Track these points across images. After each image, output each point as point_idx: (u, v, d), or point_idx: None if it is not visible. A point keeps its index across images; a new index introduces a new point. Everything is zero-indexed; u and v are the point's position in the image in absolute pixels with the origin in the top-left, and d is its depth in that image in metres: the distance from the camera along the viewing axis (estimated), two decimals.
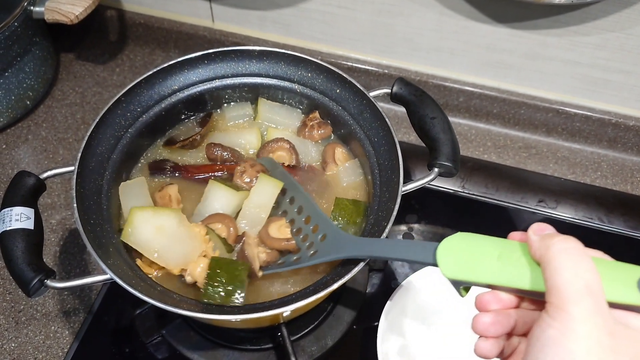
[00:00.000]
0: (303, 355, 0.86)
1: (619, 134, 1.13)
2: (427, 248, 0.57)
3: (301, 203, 0.79)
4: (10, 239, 0.67)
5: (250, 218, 0.79)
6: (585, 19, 0.98)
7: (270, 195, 0.79)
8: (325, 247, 0.72)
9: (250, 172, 0.82)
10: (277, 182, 0.80)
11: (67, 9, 1.04)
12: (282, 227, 0.78)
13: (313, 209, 0.77)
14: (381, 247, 0.65)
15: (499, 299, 0.52)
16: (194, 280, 0.73)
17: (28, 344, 0.87)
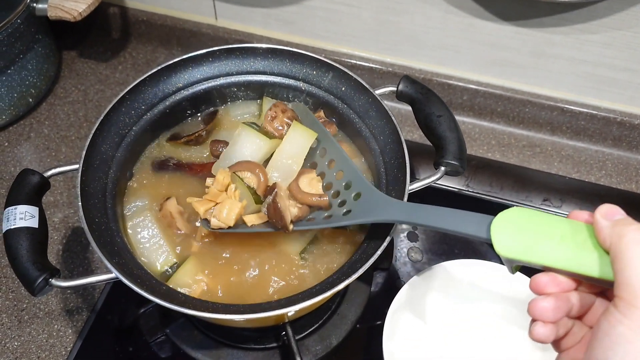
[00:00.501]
0: (308, 354, 0.85)
1: (624, 133, 1.12)
2: (479, 221, 0.53)
3: (333, 156, 0.75)
4: (14, 238, 0.67)
5: (281, 169, 0.75)
6: (591, 17, 0.97)
7: (304, 145, 0.75)
8: (361, 207, 0.68)
9: (281, 118, 0.78)
10: (311, 131, 0.76)
11: (70, 5, 1.04)
12: (312, 181, 0.74)
13: (346, 164, 0.73)
14: (427, 214, 0.61)
15: (557, 282, 0.48)
16: (220, 225, 0.70)
17: (31, 342, 0.87)
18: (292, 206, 0.71)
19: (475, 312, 0.88)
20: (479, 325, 0.87)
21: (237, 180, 0.72)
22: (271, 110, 0.79)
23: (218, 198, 0.73)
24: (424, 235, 1.01)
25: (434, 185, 1.05)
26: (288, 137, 0.75)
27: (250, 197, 0.72)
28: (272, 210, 0.70)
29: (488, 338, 0.86)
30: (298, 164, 0.75)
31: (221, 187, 0.74)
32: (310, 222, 0.72)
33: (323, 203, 0.72)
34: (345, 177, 0.73)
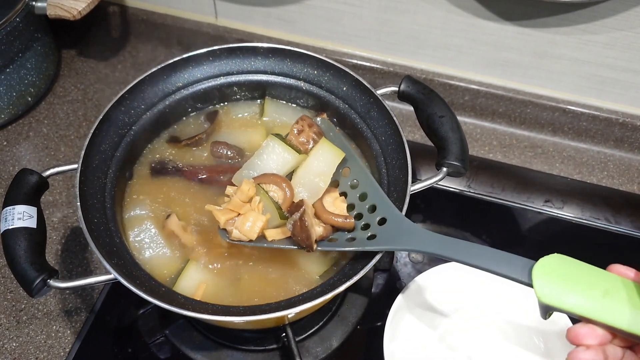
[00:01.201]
0: (308, 356, 0.85)
1: (626, 134, 1.12)
2: (519, 264, 0.53)
3: (357, 177, 0.73)
4: (12, 238, 0.66)
5: (307, 186, 0.73)
6: (593, 18, 0.97)
7: (332, 163, 0.73)
8: (386, 233, 0.66)
9: (307, 132, 0.76)
10: (339, 150, 0.74)
11: (70, 4, 1.03)
12: (337, 200, 0.72)
13: (371, 186, 0.71)
14: (462, 250, 0.59)
15: (596, 335, 0.50)
16: (240, 237, 0.68)
17: (29, 343, 0.87)
18: (317, 225, 0.69)
19: (476, 313, 0.87)
20: (480, 326, 0.87)
21: (261, 192, 0.71)
22: (298, 123, 0.77)
23: (241, 209, 0.71)
24: None
25: (436, 187, 1.04)
26: (316, 154, 0.74)
27: (275, 211, 0.70)
28: (299, 228, 0.68)
29: (489, 340, 0.86)
30: (325, 182, 0.73)
31: (245, 198, 0.71)
32: (333, 243, 0.71)
33: (349, 225, 0.70)
34: (369, 200, 0.71)
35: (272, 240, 0.71)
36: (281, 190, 0.71)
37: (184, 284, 0.73)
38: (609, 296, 0.49)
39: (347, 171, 0.76)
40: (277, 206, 0.70)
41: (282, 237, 0.72)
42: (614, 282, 0.50)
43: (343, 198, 0.73)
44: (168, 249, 0.77)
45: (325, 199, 0.72)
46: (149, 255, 0.76)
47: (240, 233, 0.70)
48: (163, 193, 0.83)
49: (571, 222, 1.03)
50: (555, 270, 0.51)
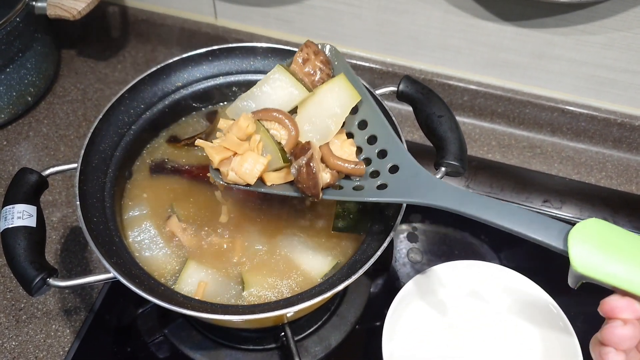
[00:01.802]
0: (307, 355, 0.85)
1: (625, 134, 1.12)
2: (555, 227, 0.48)
3: (366, 116, 0.66)
4: (12, 237, 0.67)
5: (316, 127, 0.64)
6: (592, 18, 0.97)
7: (347, 105, 0.65)
8: (399, 182, 0.60)
9: (313, 61, 0.67)
10: (355, 92, 0.65)
11: (70, 4, 1.03)
12: (345, 143, 0.65)
13: (383, 128, 0.64)
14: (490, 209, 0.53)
15: (634, 309, 0.45)
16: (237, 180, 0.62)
17: (29, 342, 0.87)
18: (323, 170, 0.62)
19: (475, 313, 0.88)
20: (479, 326, 0.87)
21: (262, 130, 0.62)
22: (302, 51, 0.67)
23: (238, 148, 0.63)
24: (423, 237, 1.01)
25: None
26: (330, 91, 0.64)
27: (277, 152, 0.62)
28: (305, 174, 0.60)
29: (488, 339, 0.86)
30: (337, 125, 0.64)
31: (243, 136, 0.63)
32: (339, 191, 0.64)
33: (359, 172, 0.63)
34: (379, 144, 0.64)
35: (272, 185, 0.65)
36: (285, 129, 0.63)
37: (184, 284, 0.74)
38: None
39: (355, 109, 0.68)
40: (280, 147, 0.63)
41: (282, 182, 0.65)
42: None
43: (352, 141, 0.66)
44: (168, 249, 0.78)
45: (332, 142, 0.65)
46: (149, 256, 0.77)
47: (237, 176, 0.62)
48: (162, 192, 0.83)
49: (570, 222, 1.02)
50: (593, 237, 0.46)
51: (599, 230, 0.47)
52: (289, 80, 0.65)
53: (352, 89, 0.66)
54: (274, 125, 0.63)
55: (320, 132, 0.65)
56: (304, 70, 0.67)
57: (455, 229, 1.03)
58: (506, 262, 0.97)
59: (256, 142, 0.63)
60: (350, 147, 0.65)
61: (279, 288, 0.74)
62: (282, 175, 0.65)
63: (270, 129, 0.63)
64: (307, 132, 0.65)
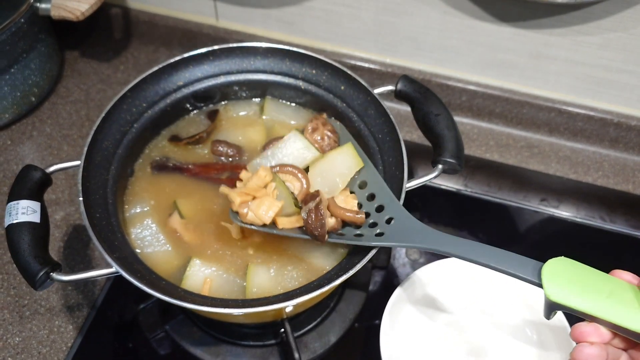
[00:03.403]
0: (306, 351, 0.86)
1: (621, 134, 1.13)
2: (529, 265, 0.57)
3: (366, 178, 0.76)
4: (16, 232, 0.68)
5: (325, 182, 0.75)
6: (588, 19, 0.98)
7: (352, 168, 0.77)
8: (394, 231, 0.69)
9: (322, 130, 0.80)
10: (360, 160, 0.78)
11: (73, 5, 1.05)
12: (347, 198, 0.74)
13: (380, 187, 0.74)
14: (472, 250, 0.62)
15: (600, 333, 0.53)
16: (254, 220, 0.69)
17: (32, 338, 0.88)
18: (329, 217, 0.72)
19: (472, 309, 0.88)
20: (476, 322, 0.88)
21: (277, 180, 0.72)
22: (312, 122, 0.81)
23: (257, 193, 0.73)
24: None
25: (433, 186, 1.07)
26: (340, 155, 0.77)
27: (290, 199, 0.72)
28: (314, 217, 0.69)
29: (485, 335, 0.87)
30: (343, 183, 0.76)
31: (262, 183, 0.73)
32: (342, 237, 0.73)
33: (360, 220, 0.72)
34: (377, 200, 0.74)
35: (283, 229, 0.73)
36: (298, 181, 0.73)
37: (190, 282, 0.75)
38: (614, 297, 0.52)
39: (358, 172, 0.79)
40: (292, 195, 0.72)
41: (292, 227, 0.73)
42: (618, 284, 0.53)
43: (354, 195, 0.76)
44: (170, 246, 0.79)
45: (337, 196, 0.74)
46: (151, 252, 0.78)
47: (255, 216, 0.70)
48: (164, 190, 0.84)
49: (567, 221, 1.04)
50: (562, 271, 0.55)
51: (567, 267, 0.55)
52: (303, 143, 0.79)
53: (357, 156, 0.78)
54: (288, 178, 0.74)
55: (329, 186, 0.76)
56: (314, 137, 0.80)
57: (453, 228, 1.04)
58: None
59: (272, 189, 0.73)
60: (353, 200, 0.75)
61: (286, 283, 0.75)
62: (293, 220, 0.73)
63: (285, 181, 0.74)
64: (317, 185, 0.76)
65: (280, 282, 0.75)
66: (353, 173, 0.77)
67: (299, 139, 0.78)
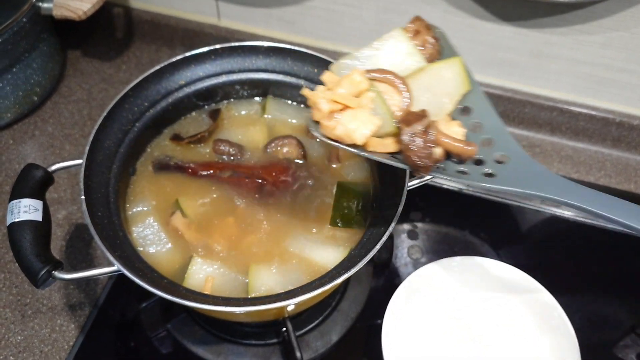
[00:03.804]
0: (308, 350, 0.86)
1: (623, 133, 1.13)
2: None
3: (471, 103, 0.63)
4: (18, 231, 0.68)
5: (431, 101, 0.60)
6: (590, 18, 0.98)
7: (460, 89, 0.62)
8: (508, 173, 0.58)
9: (424, 36, 0.64)
10: (468, 81, 0.63)
11: (76, 5, 1.05)
12: (451, 125, 0.61)
13: (489, 116, 0.62)
14: (612, 205, 0.53)
15: None
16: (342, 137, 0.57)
17: (34, 337, 0.88)
18: None
19: (473, 308, 0.88)
20: (478, 321, 0.88)
21: (375, 90, 0.58)
22: (414, 23, 0.64)
23: (351, 102, 0.58)
24: (424, 235, 1.02)
25: (434, 185, 1.07)
26: (449, 70, 0.61)
27: (389, 116, 0.57)
28: (421, 142, 0.55)
29: (486, 334, 0.86)
30: (451, 104, 0.61)
31: (355, 91, 0.58)
32: (443, 171, 0.60)
33: (469, 153, 0.59)
34: (485, 132, 0.62)
35: (373, 151, 0.59)
36: (398, 95, 0.58)
37: (192, 280, 0.75)
38: None
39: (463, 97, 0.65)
40: (390, 112, 0.58)
41: (385, 151, 0.60)
42: None
43: (459, 123, 0.62)
44: (171, 245, 0.79)
45: (440, 121, 0.61)
46: (153, 251, 0.78)
47: (344, 132, 0.57)
48: (166, 189, 0.84)
49: (568, 221, 1.04)
50: None
51: None
52: (407, 46, 0.61)
53: (467, 75, 0.64)
54: (386, 88, 0.59)
55: (434, 107, 0.60)
56: (414, 42, 0.63)
57: (455, 227, 1.04)
58: (505, 259, 0.98)
59: (370, 100, 0.57)
60: (458, 128, 0.61)
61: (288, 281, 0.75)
62: (387, 143, 0.60)
63: (383, 92, 0.58)
64: (421, 104, 0.60)
65: (282, 280, 0.75)
66: (461, 93, 0.63)
67: (403, 41, 0.61)
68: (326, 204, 0.82)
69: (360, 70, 0.60)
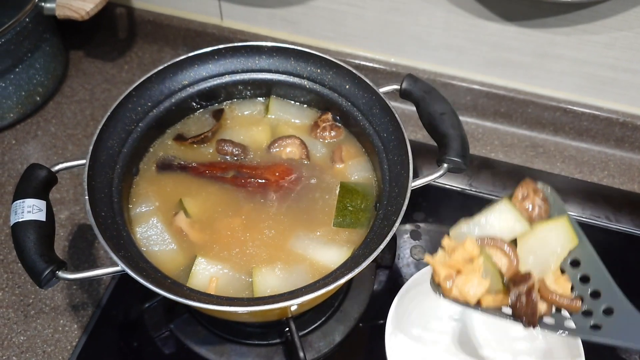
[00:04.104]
0: (311, 350, 0.86)
1: (627, 133, 1.13)
2: None
3: (579, 256, 0.69)
4: (22, 231, 0.68)
5: (537, 260, 0.68)
6: (594, 18, 0.98)
7: (566, 247, 0.69)
8: (614, 326, 0.62)
9: (532, 197, 0.72)
10: (575, 236, 0.70)
11: (78, 5, 1.05)
12: (559, 279, 0.68)
13: (596, 269, 0.67)
14: None
15: None
16: (458, 297, 0.66)
17: (37, 337, 0.88)
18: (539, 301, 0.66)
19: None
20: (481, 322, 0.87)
21: (485, 255, 0.67)
22: (522, 188, 0.73)
23: (464, 268, 0.67)
24: (427, 235, 1.02)
25: (437, 185, 1.07)
26: (554, 231, 0.69)
27: (498, 278, 0.67)
28: (525, 302, 0.64)
29: (490, 335, 0.86)
30: (557, 263, 0.69)
31: (468, 257, 0.68)
32: (552, 324, 0.66)
33: (574, 309, 0.65)
34: (592, 284, 0.67)
35: (486, 308, 0.68)
36: (506, 257, 0.68)
37: (196, 280, 0.75)
38: None
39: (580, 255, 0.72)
40: (500, 273, 0.67)
41: (496, 305, 0.68)
42: None
43: (567, 277, 0.68)
44: (175, 245, 0.79)
45: (548, 276, 0.68)
46: (157, 251, 0.78)
47: (459, 293, 0.66)
48: (169, 189, 0.84)
49: None
50: None
51: None
52: (514, 214, 0.71)
53: (573, 232, 0.70)
54: (495, 252, 0.68)
55: (540, 266, 0.68)
56: (523, 205, 0.72)
57: None
58: None
59: (479, 265, 0.67)
60: (565, 283, 0.68)
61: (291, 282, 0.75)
62: (498, 299, 0.68)
63: (492, 255, 0.68)
64: (527, 263, 0.68)
65: (287, 281, 0.75)
66: (567, 251, 0.69)
67: (509, 210, 0.71)
68: (329, 204, 0.82)
69: (472, 239, 0.69)
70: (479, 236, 0.70)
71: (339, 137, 0.90)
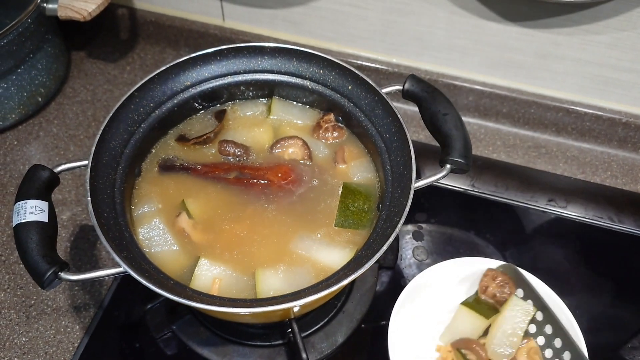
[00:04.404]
0: (313, 351, 0.86)
1: (630, 134, 1.12)
2: None
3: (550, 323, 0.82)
4: (24, 232, 0.68)
5: (503, 343, 0.82)
6: (596, 18, 0.98)
7: (524, 320, 0.83)
8: None
9: (493, 285, 0.86)
10: (529, 307, 0.84)
11: (80, 5, 1.05)
12: (531, 351, 0.81)
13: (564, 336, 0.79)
14: None
15: None
16: None
17: (39, 338, 0.88)
18: None
19: None
20: None
21: (459, 356, 0.82)
22: (483, 281, 0.87)
23: None
24: (429, 236, 1.02)
25: (440, 186, 1.06)
26: (510, 312, 0.83)
27: None
28: None
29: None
30: (519, 338, 0.82)
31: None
32: None
33: None
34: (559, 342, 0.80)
35: None
36: (474, 354, 0.82)
37: (199, 281, 0.74)
38: None
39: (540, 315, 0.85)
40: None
41: None
42: None
43: (538, 349, 0.82)
44: (178, 246, 0.78)
45: (519, 351, 0.82)
46: (159, 252, 0.77)
47: None
48: (172, 190, 0.84)
49: (574, 221, 1.03)
50: None
51: None
52: (471, 314, 0.85)
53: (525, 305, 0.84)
54: (467, 351, 0.83)
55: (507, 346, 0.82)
56: (488, 294, 0.87)
57: (460, 228, 1.03)
58: (511, 260, 0.98)
59: None
60: (534, 355, 0.82)
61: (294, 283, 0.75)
62: None
63: (466, 355, 0.83)
64: (496, 348, 0.82)
65: (289, 283, 0.75)
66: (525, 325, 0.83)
67: (466, 314, 0.86)
68: (332, 205, 0.82)
69: (446, 346, 0.85)
70: (454, 341, 0.85)
71: (342, 138, 0.90)
